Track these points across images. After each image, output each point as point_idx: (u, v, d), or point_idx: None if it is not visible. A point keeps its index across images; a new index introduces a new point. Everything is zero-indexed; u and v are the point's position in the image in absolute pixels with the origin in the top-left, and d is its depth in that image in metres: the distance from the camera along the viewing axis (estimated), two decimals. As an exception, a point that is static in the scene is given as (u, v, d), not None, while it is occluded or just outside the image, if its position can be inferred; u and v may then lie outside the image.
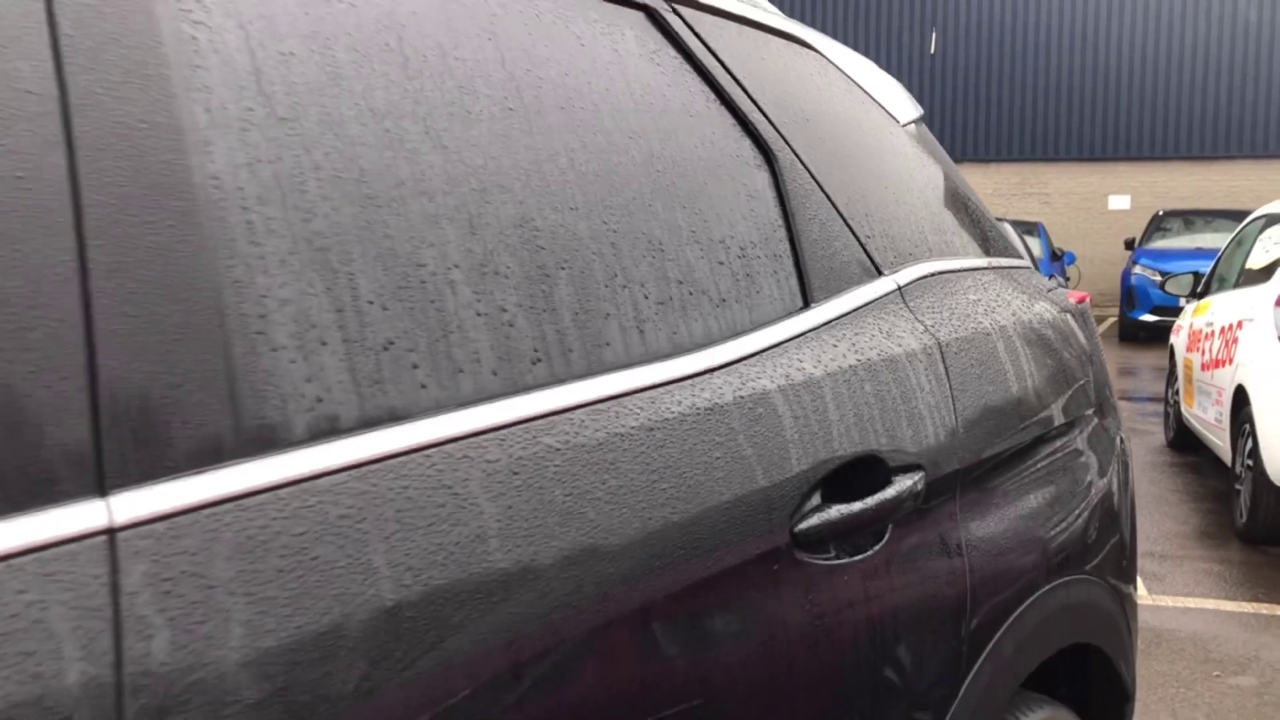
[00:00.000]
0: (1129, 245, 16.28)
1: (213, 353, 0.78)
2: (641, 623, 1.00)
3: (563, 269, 1.06)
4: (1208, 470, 6.86)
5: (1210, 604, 4.43)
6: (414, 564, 0.84)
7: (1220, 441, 5.99)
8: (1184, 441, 7.32)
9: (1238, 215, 15.00)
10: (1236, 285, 6.30)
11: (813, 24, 20.45)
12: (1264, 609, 4.37)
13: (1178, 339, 7.48)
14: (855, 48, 20.12)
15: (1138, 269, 14.27)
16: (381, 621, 0.81)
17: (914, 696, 1.32)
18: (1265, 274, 5.75)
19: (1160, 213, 16.06)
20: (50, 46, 0.75)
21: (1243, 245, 6.78)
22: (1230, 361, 5.72)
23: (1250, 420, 5.21)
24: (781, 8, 20.44)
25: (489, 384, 0.96)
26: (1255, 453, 5.14)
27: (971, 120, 20.73)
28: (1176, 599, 4.49)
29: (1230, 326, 5.89)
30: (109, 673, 0.68)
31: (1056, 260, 15.40)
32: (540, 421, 0.98)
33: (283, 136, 0.87)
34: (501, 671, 0.88)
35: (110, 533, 0.70)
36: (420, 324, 0.92)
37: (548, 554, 0.93)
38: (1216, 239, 14.43)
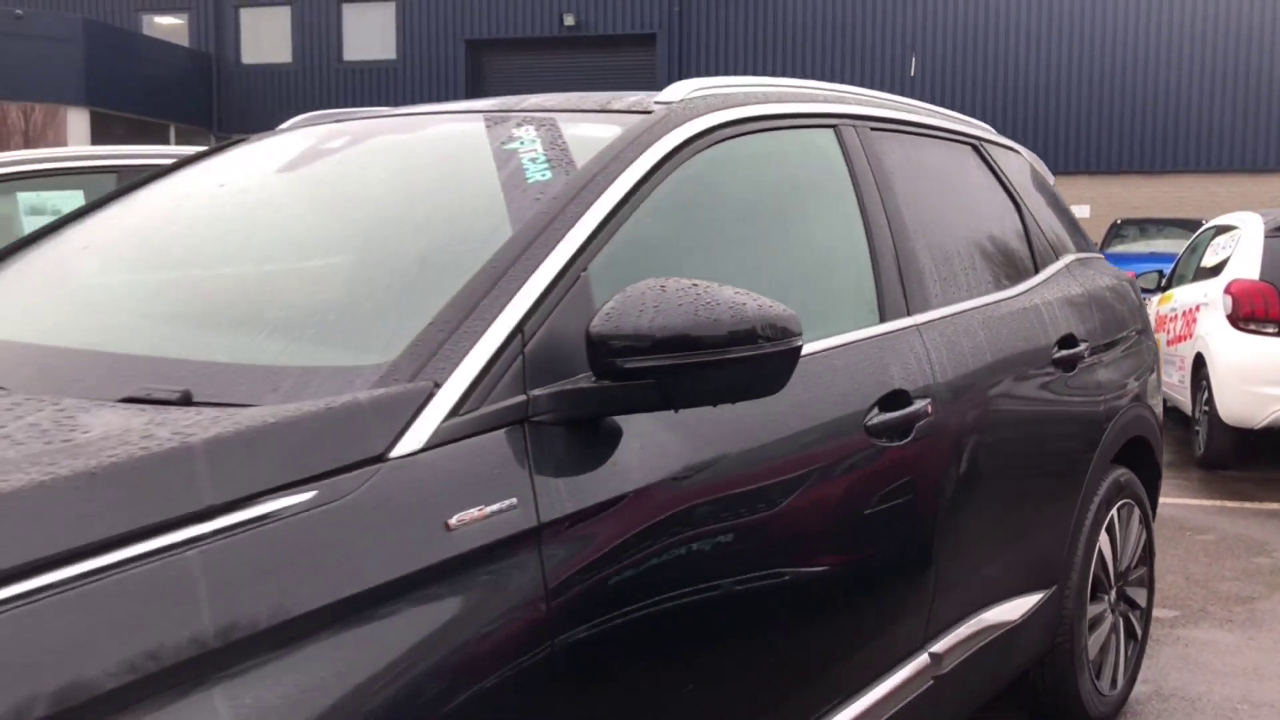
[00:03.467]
0: (1091, 250, 18.27)
1: (922, 280, 2.54)
2: (1010, 391, 2.76)
3: (978, 255, 2.84)
4: (1170, 425, 8.74)
5: (1181, 501, 6.29)
6: (982, 347, 2.60)
7: (1183, 399, 7.87)
8: (1151, 405, 9.21)
9: (1186, 223, 17.06)
10: (1193, 280, 8.18)
11: (800, 49, 22.32)
12: (1218, 503, 6.25)
13: (1145, 324, 9.36)
14: (842, 72, 22.05)
15: (1100, 271, 16.16)
16: (987, 367, 2.57)
17: (1089, 438, 3.10)
18: (1215, 271, 7.63)
19: (1118, 221, 18.07)
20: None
21: (1197, 250, 8.68)
22: (1191, 336, 7.59)
23: (1207, 378, 7.09)
24: (773, 33, 22.18)
25: (967, 294, 2.72)
26: (1210, 401, 7.02)
27: (945, 136, 22.71)
28: (1157, 499, 6.32)
29: (1190, 310, 7.76)
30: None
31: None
32: (984, 307, 2.74)
33: (913, 207, 2.64)
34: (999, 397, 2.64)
35: (917, 327, 2.46)
36: (948, 270, 2.69)
37: (1000, 353, 2.69)
38: (1169, 244, 16.45)
